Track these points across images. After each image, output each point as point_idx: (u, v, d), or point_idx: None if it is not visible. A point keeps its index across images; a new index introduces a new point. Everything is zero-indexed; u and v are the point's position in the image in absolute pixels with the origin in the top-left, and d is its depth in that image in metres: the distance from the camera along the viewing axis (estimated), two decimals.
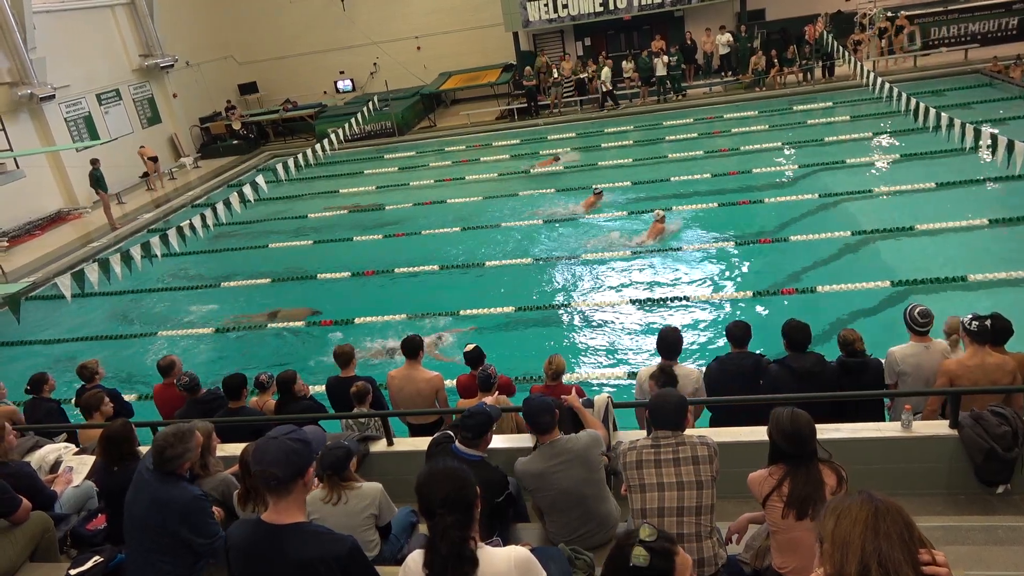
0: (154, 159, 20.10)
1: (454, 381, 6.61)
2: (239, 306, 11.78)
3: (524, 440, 5.10)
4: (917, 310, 5.14)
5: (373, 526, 4.02)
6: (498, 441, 5.37)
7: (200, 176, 21.11)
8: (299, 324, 10.66)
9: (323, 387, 6.65)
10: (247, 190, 12.98)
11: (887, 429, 4.80)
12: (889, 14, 20.11)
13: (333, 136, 17.44)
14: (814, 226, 11.21)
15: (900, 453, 4.68)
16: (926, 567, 1.75)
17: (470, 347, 6.44)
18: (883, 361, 5.24)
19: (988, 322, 4.77)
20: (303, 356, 9.66)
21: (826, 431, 4.67)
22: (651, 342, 7.55)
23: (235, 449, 5.21)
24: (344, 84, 25.99)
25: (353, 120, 19.44)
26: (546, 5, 21.99)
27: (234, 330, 10.89)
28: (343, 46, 25.59)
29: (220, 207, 12.19)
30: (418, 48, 25.43)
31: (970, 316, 4.82)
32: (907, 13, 20.36)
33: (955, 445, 4.54)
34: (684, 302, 9.58)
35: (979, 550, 3.57)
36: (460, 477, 2.55)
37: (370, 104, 21.16)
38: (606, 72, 20.45)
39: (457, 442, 4.13)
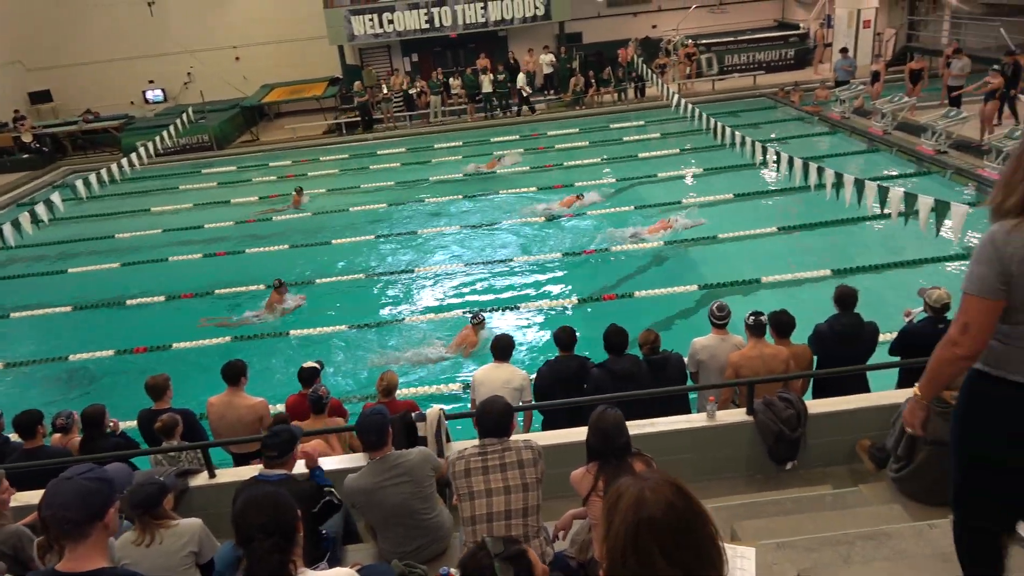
0: None
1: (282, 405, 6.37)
2: (37, 338, 10.58)
3: (359, 460, 5.02)
4: (716, 305, 5.74)
5: (193, 564, 3.78)
6: (332, 463, 5.26)
7: None
8: (108, 353, 9.73)
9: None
10: (40, 209, 11.75)
11: (695, 420, 5.24)
12: (689, 42, 22.07)
13: (142, 150, 16.28)
14: (632, 236, 11.99)
15: (707, 441, 5.14)
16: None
17: (307, 364, 6.24)
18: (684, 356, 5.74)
19: (763, 317, 5.39)
20: (121, 386, 8.84)
21: (643, 426, 5.04)
22: (484, 349, 7.75)
23: (33, 497, 4.69)
24: (154, 94, 24.28)
25: (165, 133, 18.25)
26: (371, 20, 21.87)
27: (33, 364, 9.75)
28: (153, 53, 23.95)
29: (7, 228, 10.93)
30: (236, 59, 24.34)
31: (749, 312, 5.42)
32: (705, 41, 22.45)
33: (752, 430, 5.06)
34: (515, 310, 9.89)
35: (770, 521, 4.00)
36: (280, 503, 2.48)
37: (184, 116, 19.93)
38: (522, 78, 20.86)
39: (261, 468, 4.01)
